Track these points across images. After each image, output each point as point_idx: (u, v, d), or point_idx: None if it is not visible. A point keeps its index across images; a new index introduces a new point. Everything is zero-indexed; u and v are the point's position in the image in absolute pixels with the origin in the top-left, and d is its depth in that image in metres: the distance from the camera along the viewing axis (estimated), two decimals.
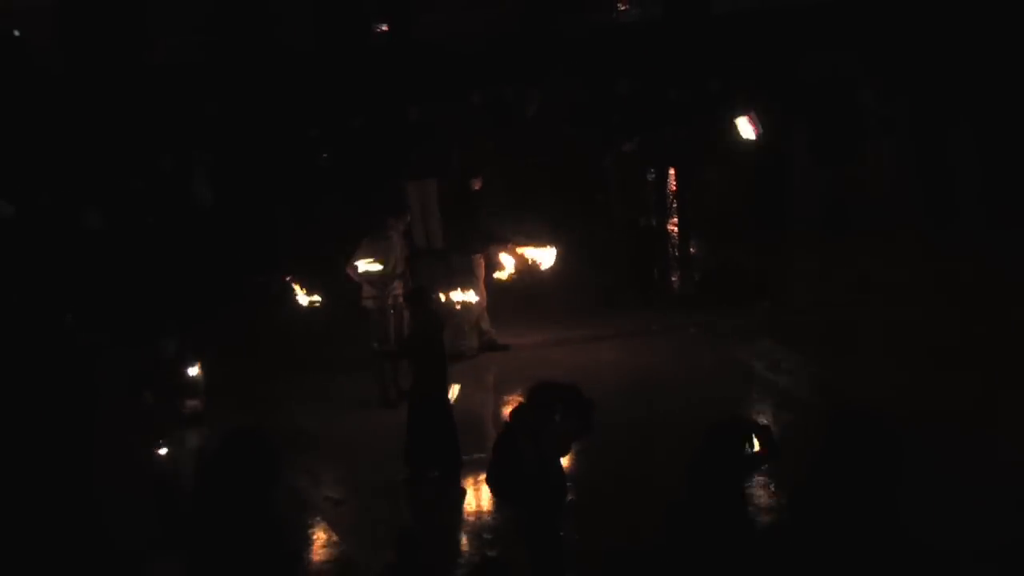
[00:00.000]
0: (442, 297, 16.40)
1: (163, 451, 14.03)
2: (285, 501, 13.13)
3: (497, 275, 17.38)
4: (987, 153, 21.69)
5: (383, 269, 17.03)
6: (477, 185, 18.85)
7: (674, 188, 22.22)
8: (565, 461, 12.41)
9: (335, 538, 14.43)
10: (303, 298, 16.89)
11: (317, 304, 16.83)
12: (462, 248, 18.27)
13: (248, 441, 11.85)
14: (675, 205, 22.09)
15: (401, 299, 17.03)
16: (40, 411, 16.17)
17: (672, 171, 22.10)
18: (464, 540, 14.09)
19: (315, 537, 14.41)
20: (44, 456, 15.37)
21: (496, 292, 18.48)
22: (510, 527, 12.69)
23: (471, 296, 16.98)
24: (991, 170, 21.57)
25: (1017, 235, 19.97)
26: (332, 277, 17.64)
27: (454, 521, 14.51)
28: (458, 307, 16.82)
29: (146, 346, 15.00)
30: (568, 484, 12.55)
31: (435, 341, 15.51)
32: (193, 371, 15.83)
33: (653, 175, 21.73)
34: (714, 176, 22.11)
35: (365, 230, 17.58)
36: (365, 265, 16.89)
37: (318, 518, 14.81)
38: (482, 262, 18.07)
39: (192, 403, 13.94)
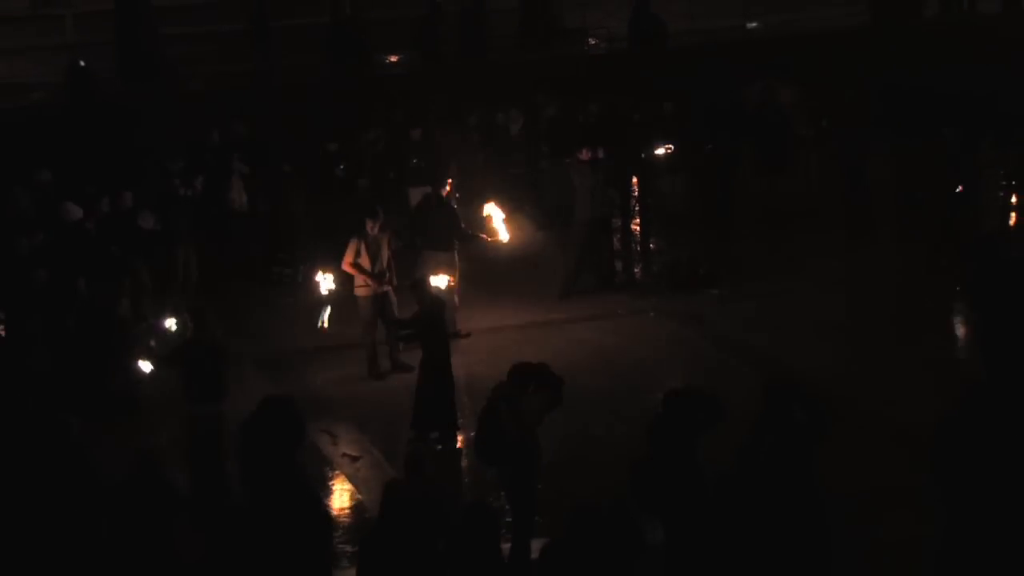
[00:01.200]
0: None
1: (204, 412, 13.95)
2: (309, 457, 13.09)
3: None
4: (897, 163, 21.72)
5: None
6: (446, 190, 18.79)
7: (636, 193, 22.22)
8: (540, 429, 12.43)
9: (352, 489, 14.41)
10: (323, 285, 16.90)
11: (333, 289, 16.85)
12: (436, 245, 18.12)
13: (278, 407, 11.83)
14: (638, 207, 22.06)
15: (389, 288, 17.03)
16: (93, 374, 16.26)
17: (635, 179, 22.09)
18: (458, 489, 14.06)
19: (335, 488, 14.39)
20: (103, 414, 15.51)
21: (478, 282, 18.53)
22: (495, 481, 12.67)
23: (442, 281, 16.84)
24: (901, 179, 21.58)
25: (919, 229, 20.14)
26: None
27: (450, 473, 14.48)
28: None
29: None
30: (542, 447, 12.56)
31: (438, 322, 15.45)
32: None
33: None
34: (671, 183, 22.10)
35: (352, 230, 17.56)
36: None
37: (337, 472, 14.79)
38: (456, 257, 18.00)
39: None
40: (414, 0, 27.22)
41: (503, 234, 17.78)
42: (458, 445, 15.04)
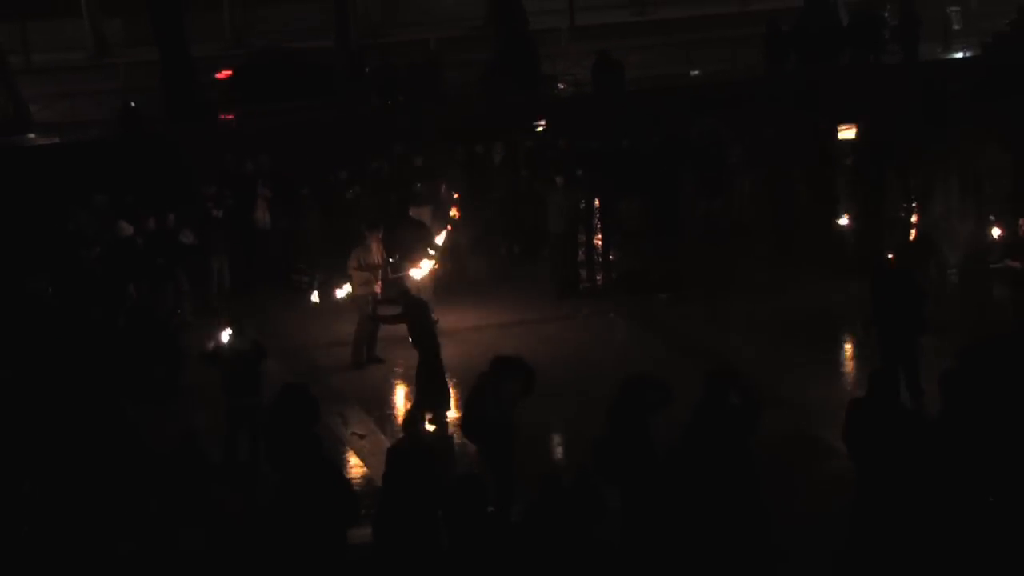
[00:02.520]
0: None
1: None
2: (323, 436, 13.06)
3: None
4: (813, 190, 21.80)
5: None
6: (414, 213, 19.06)
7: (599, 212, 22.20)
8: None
9: (359, 462, 14.38)
10: (340, 293, 16.93)
11: (347, 297, 16.89)
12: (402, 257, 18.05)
13: (296, 393, 11.81)
14: (599, 224, 22.04)
15: (380, 290, 17.07)
16: (142, 365, 16.22)
17: (597, 200, 22.05)
18: (449, 461, 14.03)
19: (345, 462, 14.35)
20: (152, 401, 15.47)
21: (463, 289, 18.47)
22: (480, 455, 12.67)
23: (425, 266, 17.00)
24: (819, 203, 21.66)
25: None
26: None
27: (443, 448, 14.44)
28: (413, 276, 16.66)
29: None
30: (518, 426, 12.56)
31: (426, 323, 15.40)
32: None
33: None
34: (628, 203, 22.08)
35: (353, 242, 17.60)
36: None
37: (347, 448, 14.76)
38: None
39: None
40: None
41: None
42: (448, 424, 15.01)
